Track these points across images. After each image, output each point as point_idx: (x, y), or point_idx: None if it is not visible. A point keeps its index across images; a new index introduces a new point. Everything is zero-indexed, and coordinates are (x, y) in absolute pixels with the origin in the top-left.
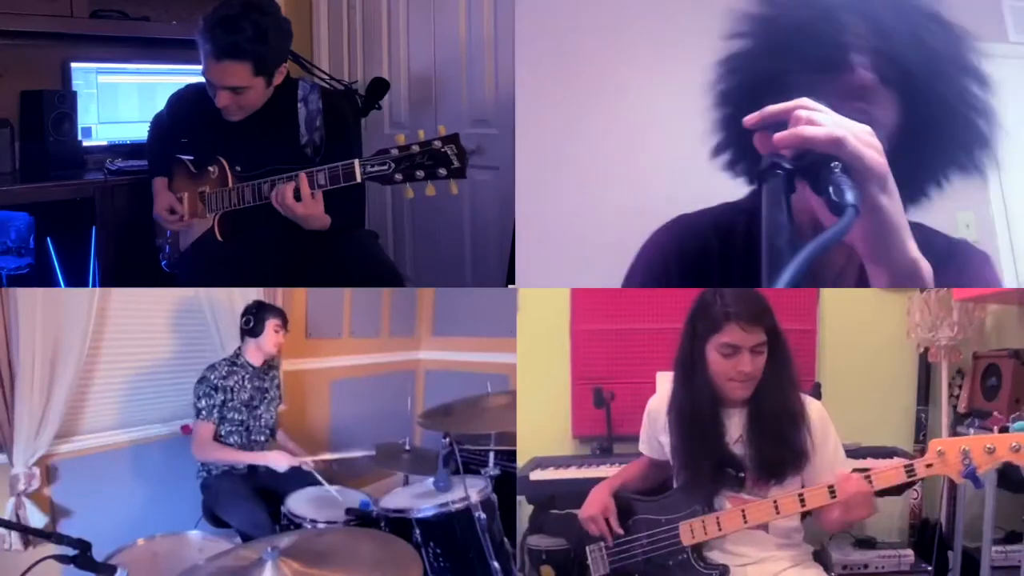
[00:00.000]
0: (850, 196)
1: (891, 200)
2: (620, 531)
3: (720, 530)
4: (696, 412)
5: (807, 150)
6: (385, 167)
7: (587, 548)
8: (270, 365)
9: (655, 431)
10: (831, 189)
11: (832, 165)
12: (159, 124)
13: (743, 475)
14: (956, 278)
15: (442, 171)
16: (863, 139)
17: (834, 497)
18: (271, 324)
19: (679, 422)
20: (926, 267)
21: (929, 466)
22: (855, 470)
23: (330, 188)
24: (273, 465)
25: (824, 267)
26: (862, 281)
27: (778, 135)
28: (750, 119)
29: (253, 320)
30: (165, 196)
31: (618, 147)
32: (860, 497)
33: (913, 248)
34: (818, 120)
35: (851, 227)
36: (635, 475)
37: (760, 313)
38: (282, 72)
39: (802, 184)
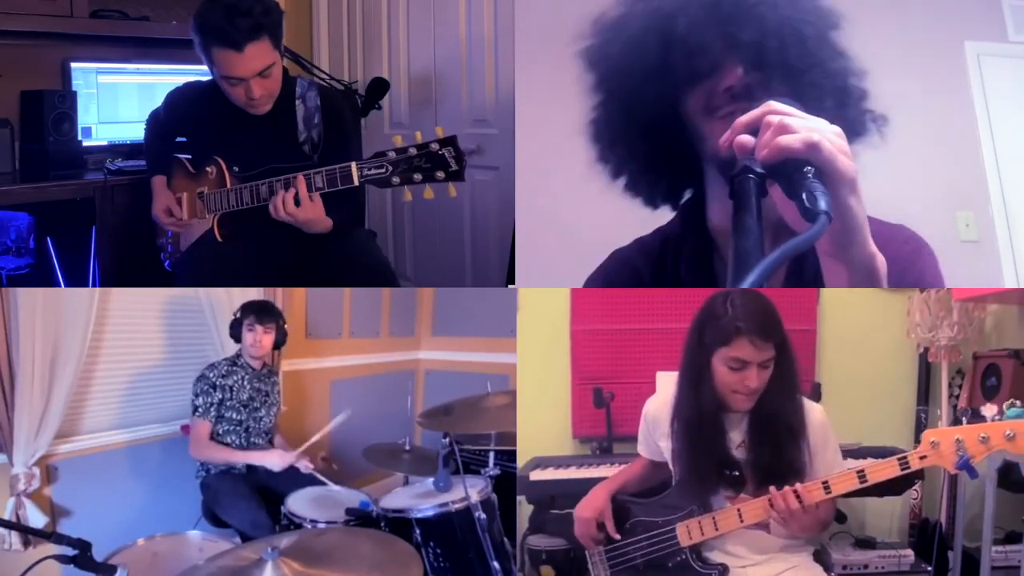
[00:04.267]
0: (823, 203)
1: (858, 202)
2: (617, 536)
3: (717, 530)
4: (701, 419)
5: (785, 158)
6: (382, 170)
7: (587, 552)
8: (271, 370)
9: (654, 435)
10: (804, 195)
11: (805, 170)
12: (156, 122)
13: (744, 478)
14: (903, 265)
15: (440, 174)
16: (836, 143)
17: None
18: (244, 326)
19: (683, 428)
20: (882, 262)
21: (923, 458)
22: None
23: (328, 191)
24: (269, 465)
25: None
26: (815, 282)
27: (761, 154)
28: (724, 140)
29: (231, 328)
30: (163, 197)
31: None
32: (792, 514)
33: (871, 244)
34: (791, 126)
35: (822, 234)
36: (634, 476)
37: (772, 328)
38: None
39: (773, 187)
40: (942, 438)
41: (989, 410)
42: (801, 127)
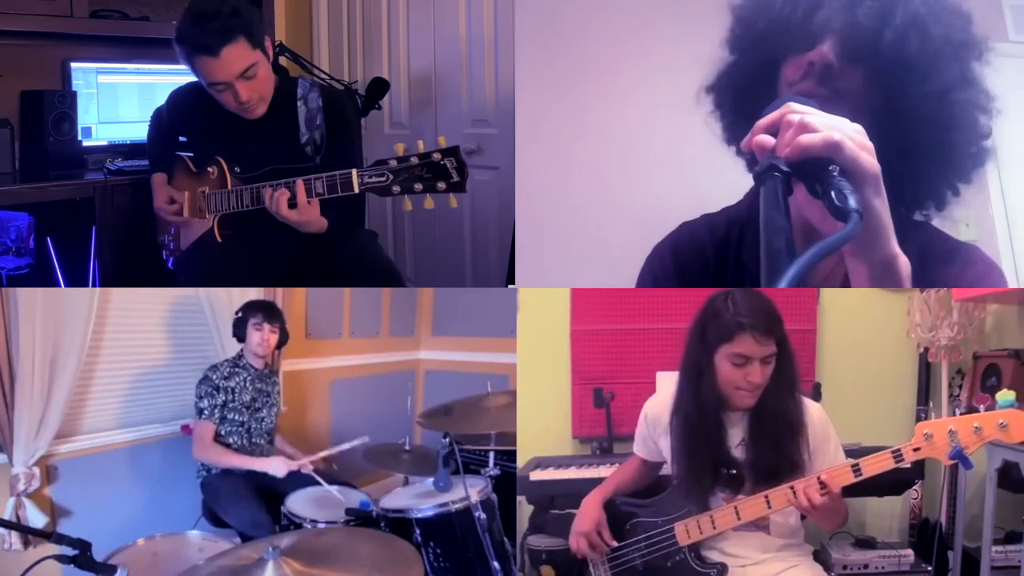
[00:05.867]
0: (852, 201)
1: (881, 201)
2: (613, 543)
3: (715, 528)
4: (702, 418)
5: (807, 157)
6: (383, 178)
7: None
8: (272, 370)
9: (653, 434)
10: (833, 194)
11: (830, 168)
12: (159, 121)
13: (742, 478)
14: (961, 281)
15: (441, 185)
16: (857, 141)
17: (770, 508)
18: (251, 324)
19: (684, 427)
20: (904, 262)
21: (917, 450)
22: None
23: (327, 197)
24: (272, 471)
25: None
26: (847, 282)
27: (783, 153)
28: (744, 144)
29: (235, 327)
30: (164, 189)
31: (618, 146)
32: (817, 508)
33: (894, 244)
34: (811, 125)
35: (856, 233)
36: (628, 478)
37: (773, 324)
38: (270, 48)
39: (798, 186)
40: (936, 429)
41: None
42: (822, 126)
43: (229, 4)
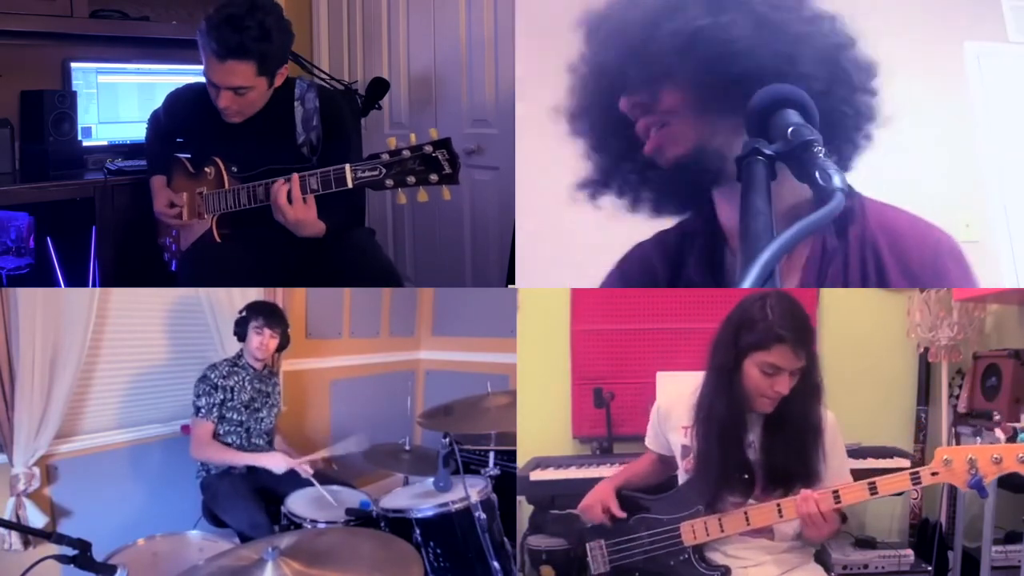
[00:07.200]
0: (837, 180)
1: None
2: (622, 514)
3: (723, 531)
4: (726, 418)
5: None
6: (376, 172)
7: (587, 545)
8: (271, 371)
9: (663, 428)
10: (817, 173)
11: (815, 149)
12: (156, 123)
13: (753, 482)
14: (936, 274)
15: (433, 177)
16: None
17: (781, 516)
18: (252, 327)
19: (707, 426)
20: None
21: (935, 474)
22: (855, 472)
23: (322, 193)
24: (272, 467)
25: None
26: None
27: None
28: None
29: (236, 326)
30: (164, 193)
31: None
32: (813, 518)
33: None
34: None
35: (839, 211)
36: (639, 472)
37: (808, 337)
38: (282, 74)
39: (782, 170)
40: (955, 456)
41: (1002, 432)
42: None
43: (259, 24)
